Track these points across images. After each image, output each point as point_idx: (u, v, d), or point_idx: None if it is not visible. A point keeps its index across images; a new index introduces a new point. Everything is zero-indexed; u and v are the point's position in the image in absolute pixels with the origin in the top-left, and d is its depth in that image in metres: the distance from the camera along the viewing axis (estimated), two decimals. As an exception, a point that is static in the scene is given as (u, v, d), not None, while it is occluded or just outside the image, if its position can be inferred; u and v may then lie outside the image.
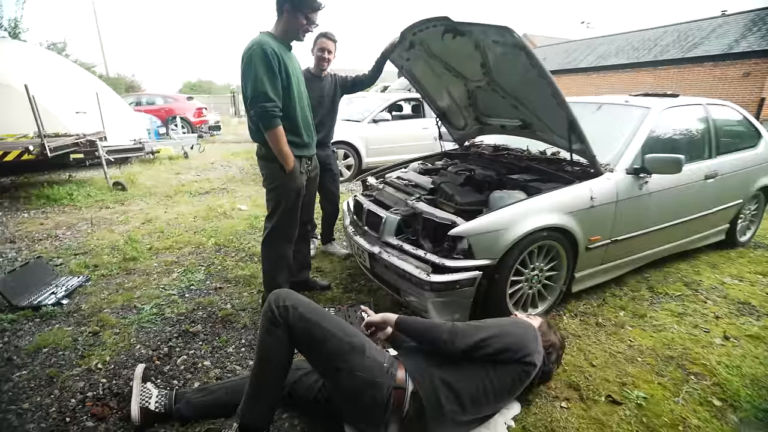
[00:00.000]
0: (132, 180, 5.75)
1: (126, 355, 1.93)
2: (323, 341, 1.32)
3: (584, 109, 2.96)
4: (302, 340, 1.35)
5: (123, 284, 2.66)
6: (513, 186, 2.34)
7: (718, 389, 1.73)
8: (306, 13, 1.93)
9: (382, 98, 6.57)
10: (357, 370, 1.30)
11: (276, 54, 1.85)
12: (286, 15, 1.94)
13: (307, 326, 1.33)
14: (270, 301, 1.37)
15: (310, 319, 1.33)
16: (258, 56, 1.82)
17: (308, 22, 1.96)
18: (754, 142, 3.25)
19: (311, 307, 1.39)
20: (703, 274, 2.88)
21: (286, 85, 1.93)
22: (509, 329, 1.44)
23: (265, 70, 1.82)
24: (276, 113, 1.86)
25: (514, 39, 1.89)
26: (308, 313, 1.34)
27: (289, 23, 1.96)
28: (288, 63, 1.94)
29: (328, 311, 2.26)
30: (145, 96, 12.81)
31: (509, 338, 1.40)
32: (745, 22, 13.80)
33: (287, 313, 1.33)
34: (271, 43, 1.88)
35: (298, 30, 1.98)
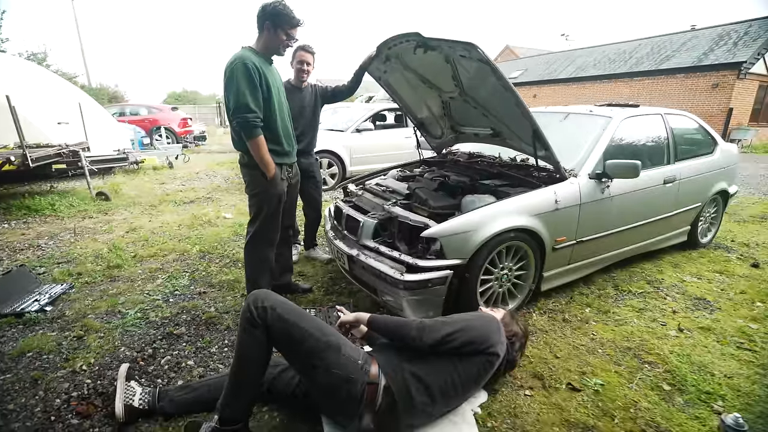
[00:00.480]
0: (116, 190, 5.74)
1: (110, 357, 1.99)
2: (301, 341, 1.38)
3: (552, 118, 3.16)
4: (280, 339, 1.40)
5: (107, 291, 2.70)
6: (484, 191, 2.48)
7: (669, 375, 1.88)
8: (285, 29, 2.04)
9: (366, 108, 6.73)
10: (333, 367, 1.36)
11: (257, 68, 1.96)
12: (266, 32, 2.05)
13: (284, 326, 1.38)
14: (249, 302, 1.42)
15: (288, 320, 1.39)
16: (239, 70, 1.93)
17: (288, 38, 2.07)
18: (710, 149, 3.48)
19: (289, 307, 1.44)
20: (666, 273, 3.06)
21: (267, 98, 2.03)
22: (473, 323, 1.55)
23: (246, 84, 1.93)
24: (257, 123, 1.97)
25: (479, 54, 2.04)
26: (286, 314, 1.40)
27: (269, 40, 2.06)
28: (268, 76, 2.04)
29: (308, 312, 2.36)
30: (128, 106, 12.75)
31: (473, 332, 1.50)
32: (712, 36, 14.53)
33: (266, 313, 1.39)
34: (252, 58, 1.99)
35: (279, 46, 2.09)
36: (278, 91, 2.15)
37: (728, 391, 1.77)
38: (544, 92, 18.95)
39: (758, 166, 9.06)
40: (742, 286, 2.85)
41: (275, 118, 2.11)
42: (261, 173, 2.10)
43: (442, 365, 1.46)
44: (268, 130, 2.08)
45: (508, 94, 2.19)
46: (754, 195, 6.02)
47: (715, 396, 1.74)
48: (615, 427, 1.58)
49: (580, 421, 1.60)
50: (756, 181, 7.16)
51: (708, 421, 1.59)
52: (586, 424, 1.58)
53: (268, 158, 2.05)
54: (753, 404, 1.70)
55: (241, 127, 1.97)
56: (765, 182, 7.10)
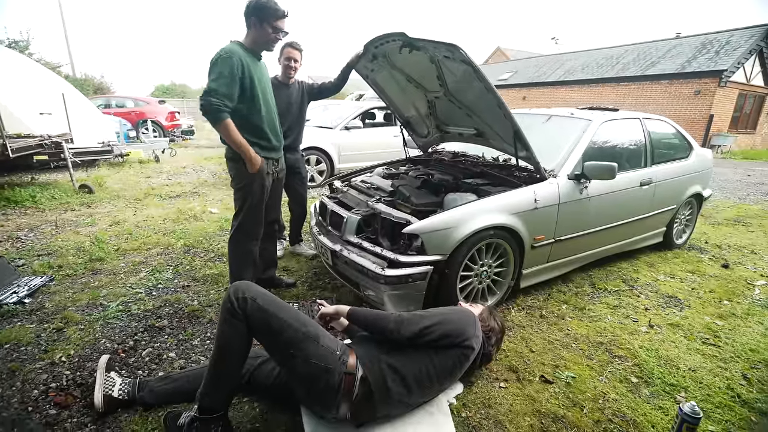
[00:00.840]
0: (99, 183, 5.66)
1: (91, 349, 1.98)
2: (280, 331, 1.40)
3: (535, 120, 3.24)
4: (260, 329, 1.42)
5: (88, 283, 2.69)
6: (466, 189, 2.53)
7: (637, 369, 1.96)
8: (272, 23, 2.04)
9: (356, 106, 6.75)
10: (311, 357, 1.38)
11: (241, 62, 1.98)
12: (253, 28, 2.06)
13: (264, 316, 1.40)
14: (230, 293, 1.44)
15: (268, 310, 1.41)
16: (222, 60, 1.95)
17: (274, 30, 2.06)
18: (686, 153, 3.60)
19: (269, 298, 1.46)
20: (641, 272, 3.16)
21: (250, 93, 2.05)
22: (450, 317, 1.59)
23: (224, 73, 1.93)
24: (220, 107, 1.92)
25: (462, 55, 2.09)
26: (266, 305, 1.42)
27: (257, 35, 2.07)
28: (254, 71, 2.06)
29: (291, 306, 2.38)
30: (114, 98, 12.50)
31: (450, 325, 1.54)
32: (695, 44, 14.90)
33: (246, 304, 1.40)
34: (238, 52, 2.00)
35: (267, 40, 2.09)
36: (264, 86, 2.17)
37: (691, 383, 1.86)
38: (534, 94, 19.19)
39: (735, 172, 9.35)
40: (712, 285, 2.96)
41: (260, 112, 2.12)
42: (244, 165, 2.12)
43: (419, 357, 1.50)
44: (251, 124, 2.10)
45: (490, 95, 2.25)
46: (729, 199, 6.22)
47: (678, 388, 1.83)
48: (583, 416, 1.64)
49: (551, 411, 1.67)
50: (732, 186, 7.40)
51: (670, 411, 1.68)
52: (556, 414, 1.65)
53: (241, 140, 2.01)
54: (713, 395, 1.79)
55: (204, 110, 1.96)
56: (741, 187, 7.34)
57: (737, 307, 2.65)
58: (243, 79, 1.99)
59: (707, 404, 1.73)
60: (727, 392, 1.82)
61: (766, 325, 2.42)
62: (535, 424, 1.60)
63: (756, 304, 2.71)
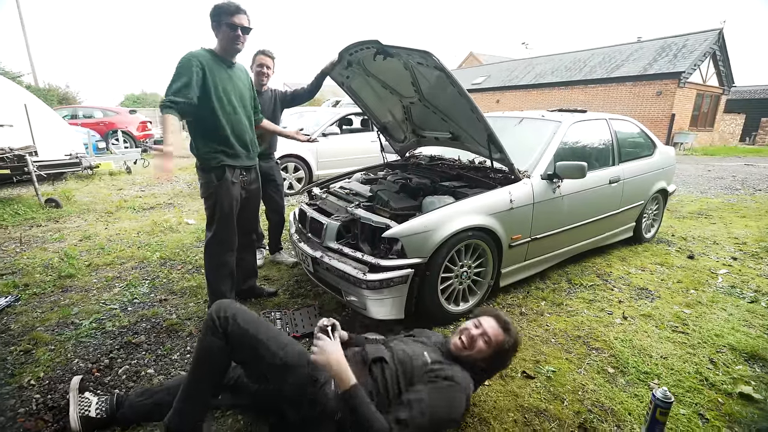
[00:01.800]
0: (67, 196, 5.45)
1: (62, 370, 1.90)
2: (259, 352, 1.38)
3: (508, 123, 3.33)
4: (240, 349, 1.40)
5: (58, 302, 2.58)
6: (444, 192, 2.58)
7: (613, 359, 2.04)
8: (227, 21, 1.99)
9: (333, 112, 6.75)
10: (289, 381, 1.37)
11: (200, 63, 1.97)
12: (215, 32, 2.06)
13: (243, 336, 1.38)
14: (212, 311, 1.42)
15: (247, 331, 1.39)
16: (181, 62, 1.95)
17: (232, 28, 2.00)
18: (650, 151, 3.78)
19: (249, 318, 1.43)
20: (614, 267, 3.29)
21: (208, 96, 2.00)
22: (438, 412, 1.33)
23: (180, 74, 1.93)
24: (165, 104, 1.91)
25: (435, 62, 2.14)
26: (245, 324, 1.40)
27: (221, 39, 2.07)
28: (216, 76, 2.02)
29: (273, 315, 2.36)
30: (81, 108, 12.05)
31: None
32: (656, 47, 15.68)
33: (227, 322, 1.39)
34: (201, 55, 1.99)
35: (229, 40, 2.04)
36: (229, 92, 2.10)
37: (663, 370, 1.95)
38: (507, 97, 19.69)
39: (697, 168, 9.85)
40: (679, 275, 3.11)
41: (220, 118, 2.06)
42: (214, 176, 2.11)
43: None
44: (213, 129, 2.07)
45: (463, 100, 2.30)
46: (692, 193, 6.55)
47: (652, 375, 1.91)
48: (564, 408, 1.70)
49: (534, 405, 1.71)
50: (694, 181, 7.80)
51: (645, 398, 1.75)
52: (539, 408, 1.69)
53: (168, 136, 1.91)
54: (683, 380, 1.88)
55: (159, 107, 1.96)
56: (702, 182, 7.74)
57: (703, 295, 2.79)
58: (204, 84, 1.98)
59: (678, 389, 1.82)
60: (696, 376, 1.91)
61: (729, 311, 2.56)
62: (518, 419, 1.64)
63: (719, 291, 2.86)
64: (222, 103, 2.07)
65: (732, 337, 2.25)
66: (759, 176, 8.58)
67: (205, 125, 2.07)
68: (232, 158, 2.16)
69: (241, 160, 2.21)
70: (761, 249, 3.75)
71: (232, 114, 2.12)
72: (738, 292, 2.86)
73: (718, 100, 16.33)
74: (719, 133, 17.21)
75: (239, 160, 2.20)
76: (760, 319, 2.48)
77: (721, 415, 1.68)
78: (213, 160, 2.11)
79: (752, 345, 2.16)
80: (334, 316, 2.41)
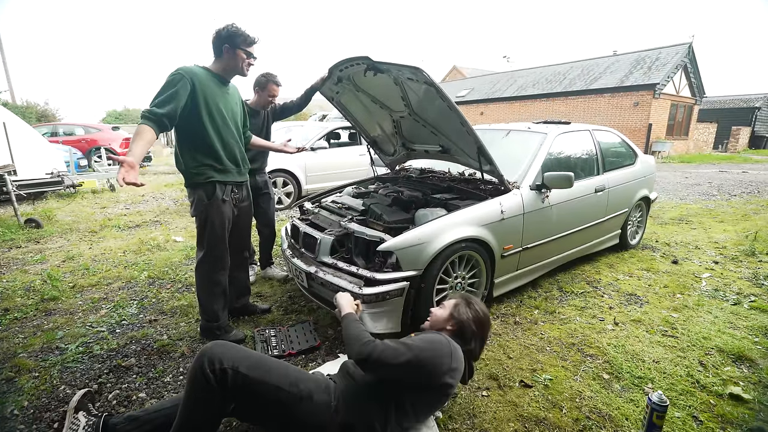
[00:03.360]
0: (48, 216, 5.30)
1: (48, 398, 1.83)
2: (271, 398, 1.30)
3: (495, 135, 3.41)
4: (245, 400, 1.30)
5: (42, 326, 2.49)
6: (436, 204, 2.61)
7: (607, 365, 2.07)
8: (245, 48, 2.08)
9: (320, 127, 6.79)
10: (305, 416, 1.31)
11: (192, 80, 1.95)
12: (225, 54, 2.07)
13: (251, 385, 1.28)
14: (202, 363, 1.26)
15: (255, 378, 1.28)
16: (171, 77, 1.93)
17: (248, 56, 2.11)
18: (632, 160, 3.91)
19: (252, 363, 1.32)
20: (602, 273, 3.36)
21: (198, 111, 1.99)
22: (423, 355, 1.39)
23: (168, 89, 1.90)
24: (145, 115, 1.85)
25: (425, 77, 2.19)
26: (251, 372, 1.28)
27: (230, 61, 2.09)
28: (207, 92, 2.02)
29: (267, 332, 2.32)
30: (62, 126, 11.83)
31: (423, 369, 1.38)
32: (631, 60, 16.31)
33: (225, 376, 1.25)
34: (195, 72, 1.98)
35: (240, 66, 2.11)
36: (220, 107, 2.10)
37: (656, 374, 1.98)
38: (490, 110, 20.13)
39: (675, 175, 10.19)
40: (665, 280, 3.19)
41: (209, 131, 2.05)
42: (204, 193, 2.09)
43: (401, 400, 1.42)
44: (203, 143, 2.06)
45: (453, 113, 2.36)
46: (672, 200, 6.76)
47: (646, 379, 1.94)
48: (563, 416, 1.71)
49: (533, 414, 1.72)
50: (673, 188, 8.06)
51: (640, 402, 1.77)
52: (538, 417, 1.70)
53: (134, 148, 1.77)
54: (676, 383, 1.92)
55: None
56: (680, 188, 8.01)
57: (689, 299, 2.87)
58: (197, 98, 1.97)
59: (671, 392, 1.85)
60: (687, 379, 1.96)
61: (714, 314, 2.64)
62: (519, 429, 1.64)
63: (704, 295, 2.95)
64: (212, 117, 2.06)
65: (719, 339, 2.31)
66: (733, 182, 8.92)
67: (193, 139, 2.05)
68: (221, 173, 2.12)
69: (231, 176, 2.18)
70: (740, 253, 3.88)
71: (222, 128, 2.11)
72: (721, 295, 2.94)
73: (691, 110, 17.02)
74: (694, 142, 17.89)
75: (230, 175, 2.16)
76: (743, 320, 2.56)
77: (713, 417, 1.72)
78: (201, 175, 2.08)
79: (738, 346, 2.22)
80: (329, 331, 2.40)
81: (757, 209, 5.98)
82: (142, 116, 1.85)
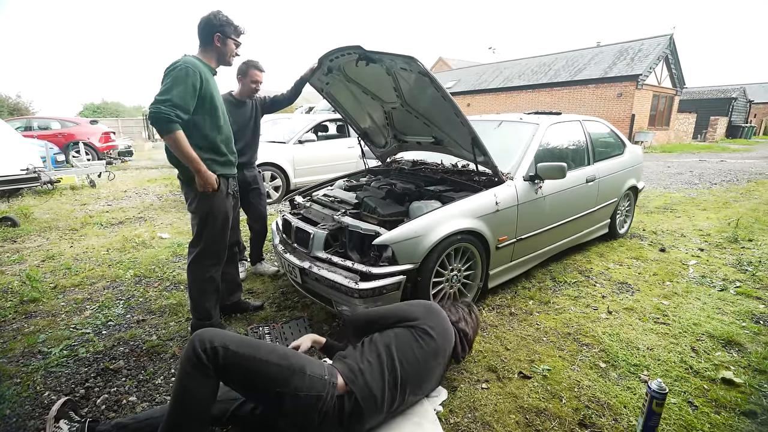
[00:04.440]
0: (25, 214, 5.08)
1: (31, 405, 1.75)
2: (261, 373, 1.31)
3: (487, 126, 3.38)
4: (238, 378, 1.32)
5: (22, 329, 2.38)
6: (430, 197, 2.58)
7: (603, 354, 2.08)
8: (235, 39, 2.08)
9: (308, 119, 6.67)
10: (300, 390, 1.32)
11: (201, 76, 1.90)
12: (216, 43, 2.02)
13: (241, 362, 1.30)
14: (194, 344, 1.29)
15: (244, 354, 1.30)
16: (182, 71, 1.84)
17: (237, 46, 2.11)
18: (621, 150, 3.94)
19: (241, 341, 1.35)
20: (594, 263, 3.39)
21: (211, 106, 1.99)
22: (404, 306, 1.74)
23: (181, 83, 1.83)
24: (172, 117, 1.80)
25: (419, 67, 2.14)
26: (240, 349, 1.31)
27: (220, 50, 2.05)
28: (212, 85, 2.02)
29: (261, 330, 2.27)
30: (36, 119, 11.35)
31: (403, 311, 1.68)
32: (614, 51, 16.49)
33: (216, 354, 1.28)
34: (199, 65, 1.93)
35: (229, 55, 2.10)
36: (218, 101, 2.07)
37: (651, 361, 2.01)
38: (477, 101, 20.15)
39: (657, 164, 10.40)
40: (654, 268, 3.25)
41: (218, 127, 2.05)
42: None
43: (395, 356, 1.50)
44: (209, 139, 2.01)
45: (447, 104, 2.32)
46: (656, 189, 6.90)
47: (641, 367, 1.97)
48: (563, 406, 1.71)
49: (533, 405, 1.72)
50: (657, 177, 8.22)
51: (637, 390, 1.79)
52: (539, 408, 1.70)
53: (192, 154, 1.88)
54: (670, 370, 1.95)
55: (153, 121, 1.82)
56: (663, 178, 8.17)
57: (677, 286, 2.92)
58: (203, 93, 1.92)
59: (666, 378, 1.88)
60: (681, 365, 1.99)
61: (702, 300, 2.69)
62: (520, 420, 1.64)
63: (692, 282, 3.01)
64: (213, 111, 2.02)
65: (709, 325, 2.35)
66: (713, 171, 9.16)
67: (200, 133, 1.98)
68: (223, 166, 2.09)
69: (232, 168, 2.17)
70: (724, 240, 3.98)
71: (221, 120, 2.07)
72: (708, 281, 3.01)
73: (672, 101, 17.36)
74: (674, 132, 18.29)
75: (231, 168, 2.16)
76: (730, 306, 2.62)
77: (708, 401, 1.75)
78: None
79: (727, 331, 2.27)
80: (324, 327, 2.37)
81: (736, 197, 6.14)
82: (168, 119, 1.80)
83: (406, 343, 1.55)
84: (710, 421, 1.63)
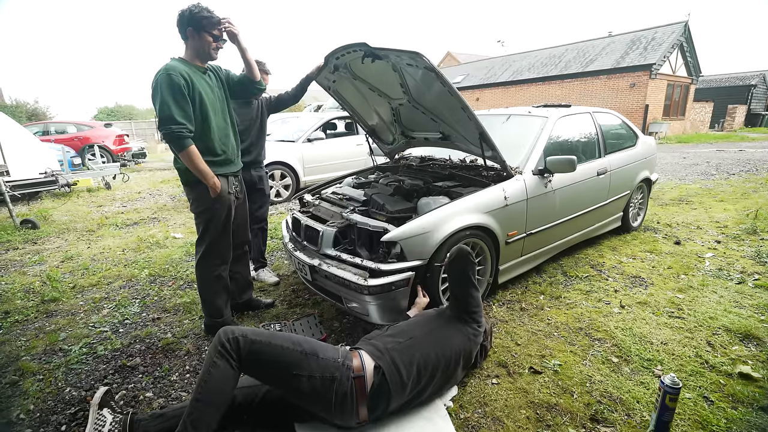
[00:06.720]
0: (44, 216, 5.24)
1: (54, 401, 1.81)
2: (277, 357, 1.42)
3: (495, 120, 3.36)
4: (256, 363, 1.43)
5: (43, 328, 2.46)
6: (438, 192, 2.57)
7: (616, 349, 2.06)
8: (210, 31, 1.98)
9: (316, 117, 6.70)
10: (314, 372, 1.41)
11: (184, 78, 1.89)
12: (191, 39, 1.98)
13: (259, 348, 1.42)
14: (219, 336, 1.44)
15: (261, 341, 1.43)
16: (163, 81, 1.85)
17: (214, 38, 2.00)
18: (633, 142, 3.87)
19: (257, 330, 1.50)
20: (606, 256, 3.34)
21: (200, 110, 1.96)
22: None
23: (171, 94, 1.85)
24: (183, 134, 1.86)
25: (425, 62, 2.13)
26: (257, 336, 1.45)
27: (196, 45, 2.00)
28: (199, 86, 1.97)
29: (274, 327, 2.31)
30: (53, 124, 11.64)
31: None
32: (626, 41, 16.13)
33: (237, 343, 1.41)
34: (179, 68, 1.91)
35: (208, 50, 2.01)
36: (212, 99, 2.05)
37: (665, 356, 1.98)
38: (486, 95, 19.95)
39: (673, 155, 10.17)
40: (669, 262, 3.19)
41: (210, 130, 2.03)
42: (205, 188, 2.03)
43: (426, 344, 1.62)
44: (202, 141, 2.01)
45: (454, 99, 2.30)
46: (671, 180, 6.74)
47: (655, 362, 1.94)
48: (574, 401, 1.70)
49: (544, 401, 1.71)
50: (672, 168, 8.04)
51: (651, 385, 1.77)
52: (549, 403, 1.70)
53: (205, 168, 1.95)
54: (685, 364, 1.92)
55: (168, 140, 1.89)
56: (679, 169, 7.99)
57: (693, 279, 2.86)
58: (192, 95, 1.92)
59: (681, 373, 1.85)
60: (696, 360, 1.95)
61: (719, 294, 2.63)
62: (531, 415, 1.63)
63: (708, 275, 2.94)
64: (204, 111, 2.00)
65: (725, 319, 2.30)
66: (731, 161, 8.91)
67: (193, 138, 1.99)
68: (221, 166, 2.10)
69: (231, 166, 2.17)
70: (742, 231, 3.88)
71: (214, 119, 2.05)
72: (725, 274, 2.94)
73: (687, 90, 16.91)
74: (690, 121, 17.83)
75: (231, 166, 2.16)
76: (748, 299, 2.56)
77: (724, 396, 1.72)
78: None
79: (745, 325, 2.22)
80: (335, 324, 2.39)
81: (756, 187, 5.97)
82: (180, 136, 1.87)
83: (452, 349, 1.66)
84: (727, 416, 1.60)
